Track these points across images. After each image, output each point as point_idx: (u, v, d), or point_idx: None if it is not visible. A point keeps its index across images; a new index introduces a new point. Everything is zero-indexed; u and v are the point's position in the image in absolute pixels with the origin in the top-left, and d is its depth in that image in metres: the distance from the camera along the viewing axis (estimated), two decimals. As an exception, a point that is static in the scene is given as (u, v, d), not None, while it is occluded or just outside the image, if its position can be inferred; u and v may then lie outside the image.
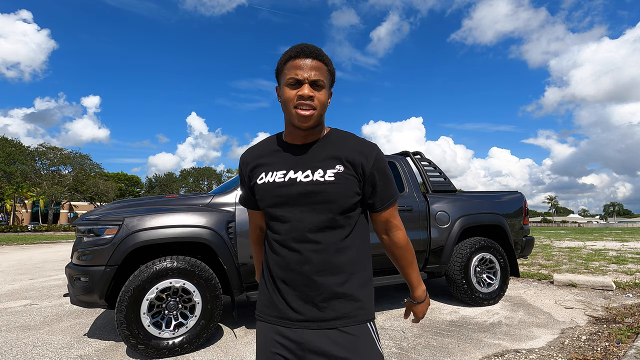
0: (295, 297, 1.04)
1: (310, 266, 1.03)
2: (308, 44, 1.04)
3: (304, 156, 1.08)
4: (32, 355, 2.99)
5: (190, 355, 2.97)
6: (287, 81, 1.02)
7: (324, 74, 1.03)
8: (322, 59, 1.03)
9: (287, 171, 1.07)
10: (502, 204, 4.85)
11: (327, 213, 1.03)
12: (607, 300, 4.57)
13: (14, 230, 36.04)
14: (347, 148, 1.08)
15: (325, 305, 1.02)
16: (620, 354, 2.82)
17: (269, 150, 1.14)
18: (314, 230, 1.03)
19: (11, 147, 41.63)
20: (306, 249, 1.03)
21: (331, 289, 1.03)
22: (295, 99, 1.01)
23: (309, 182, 1.04)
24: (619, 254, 9.73)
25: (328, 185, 1.03)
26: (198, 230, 3.18)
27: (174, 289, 3.02)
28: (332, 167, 1.05)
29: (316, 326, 1.01)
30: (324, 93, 1.04)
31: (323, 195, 1.02)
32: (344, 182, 1.03)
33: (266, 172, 1.10)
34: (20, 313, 4.37)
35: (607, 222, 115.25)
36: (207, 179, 66.95)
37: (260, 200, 1.11)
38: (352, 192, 1.05)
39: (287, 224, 1.05)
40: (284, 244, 1.06)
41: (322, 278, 1.03)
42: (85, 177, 49.22)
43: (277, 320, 1.06)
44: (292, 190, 1.04)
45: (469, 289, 4.28)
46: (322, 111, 1.04)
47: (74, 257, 3.12)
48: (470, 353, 2.95)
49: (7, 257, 10.94)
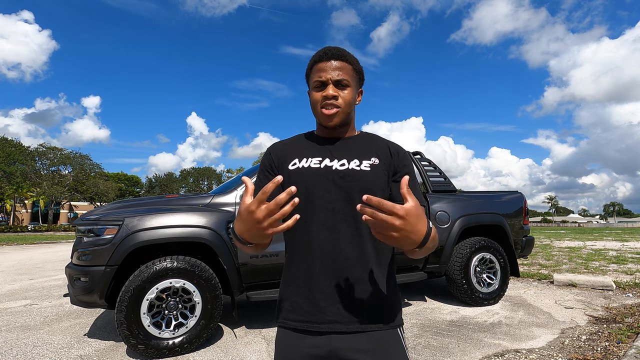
0: (325, 295, 0.96)
1: (343, 259, 0.96)
2: (332, 47, 1.05)
3: (339, 147, 1.07)
4: (32, 356, 2.99)
5: (190, 355, 2.97)
6: (313, 84, 1.04)
7: (349, 73, 1.04)
8: (345, 59, 1.04)
9: (322, 158, 1.05)
10: (502, 203, 4.86)
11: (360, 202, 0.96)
12: (607, 300, 4.57)
13: (14, 230, 36.04)
14: (380, 144, 1.09)
15: (357, 304, 0.96)
16: (621, 353, 2.82)
17: (301, 141, 1.13)
18: (349, 221, 0.98)
19: (11, 147, 41.65)
20: (340, 241, 0.97)
21: (364, 286, 0.97)
22: (321, 101, 1.03)
23: (345, 170, 1.01)
24: (619, 254, 9.73)
25: (364, 173, 1.01)
26: (198, 230, 3.18)
27: (174, 289, 3.02)
28: (367, 158, 1.04)
29: (345, 328, 0.95)
30: (350, 92, 1.03)
31: (360, 183, 0.99)
32: (379, 173, 1.03)
33: (299, 158, 1.06)
34: (20, 313, 4.37)
35: (607, 222, 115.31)
36: (207, 179, 66.98)
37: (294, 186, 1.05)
38: (385, 184, 1.03)
39: (321, 213, 0.99)
40: (317, 236, 0.98)
41: (356, 273, 0.97)
42: (85, 177, 49.24)
43: (305, 324, 0.97)
44: (327, 177, 1.01)
45: (469, 289, 4.28)
46: (347, 109, 1.04)
47: (74, 257, 3.12)
48: (470, 353, 2.95)
49: (7, 257, 10.94)
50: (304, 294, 0.99)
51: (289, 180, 1.03)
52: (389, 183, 1.05)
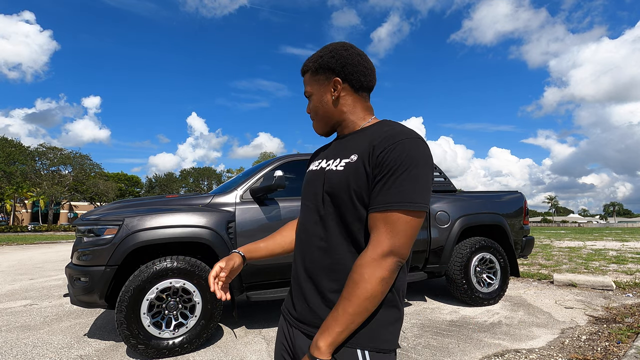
0: (296, 292, 1.00)
1: (310, 262, 0.96)
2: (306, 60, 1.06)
3: (338, 146, 1.03)
4: (32, 356, 2.99)
5: (190, 355, 2.97)
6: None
7: (309, 83, 1.05)
8: (304, 70, 1.06)
9: (322, 160, 1.05)
10: (502, 203, 4.85)
11: (330, 204, 0.94)
12: (607, 300, 4.57)
13: (14, 230, 36.03)
14: (371, 138, 0.91)
15: (315, 309, 0.92)
16: (621, 353, 2.82)
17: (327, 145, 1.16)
18: (321, 222, 0.95)
19: (11, 147, 41.65)
20: (310, 242, 0.97)
21: (320, 291, 0.92)
22: None
23: (326, 170, 0.98)
24: (619, 254, 9.73)
25: (335, 174, 0.93)
26: (198, 230, 3.18)
27: (174, 289, 3.02)
28: (347, 157, 0.94)
29: (304, 329, 0.93)
30: (315, 100, 1.04)
31: (330, 184, 0.93)
32: (351, 173, 0.89)
33: (313, 162, 1.12)
34: (20, 313, 4.37)
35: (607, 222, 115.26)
36: (207, 179, 66.96)
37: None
38: (359, 185, 0.87)
39: (304, 213, 1.02)
40: (298, 235, 1.04)
41: (319, 276, 0.93)
42: (85, 177, 49.25)
43: (283, 314, 1.06)
44: (315, 178, 1.01)
45: (469, 289, 4.28)
46: (320, 115, 1.05)
47: (74, 257, 3.12)
48: (470, 353, 2.95)
49: (7, 257, 10.94)
50: (291, 288, 1.05)
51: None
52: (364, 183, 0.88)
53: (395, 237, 0.82)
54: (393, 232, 0.82)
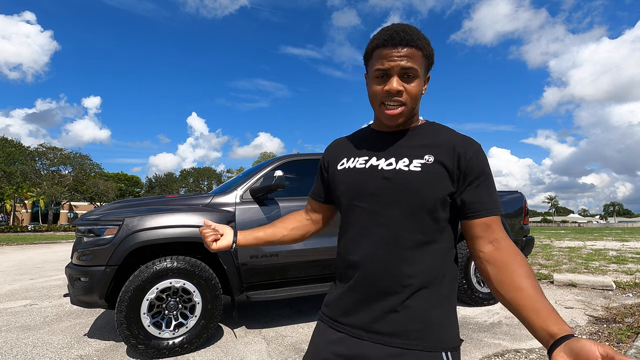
0: (354, 299, 0.91)
1: (376, 266, 0.89)
2: (399, 27, 0.89)
3: (391, 144, 0.95)
4: (32, 356, 2.99)
5: (191, 355, 2.97)
6: (373, 73, 0.91)
7: (418, 61, 0.88)
8: (415, 44, 0.87)
9: (369, 157, 0.96)
10: (502, 203, 4.84)
11: (406, 207, 0.88)
12: (607, 300, 4.57)
13: (14, 230, 36.04)
14: (443, 139, 0.92)
15: (384, 316, 0.87)
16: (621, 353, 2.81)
17: (357, 138, 1.06)
18: (389, 226, 0.89)
19: (11, 147, 41.66)
20: (377, 247, 0.89)
21: (396, 298, 0.87)
22: (382, 96, 0.90)
23: (390, 171, 0.90)
24: (619, 254, 9.73)
25: (412, 175, 0.88)
26: (198, 230, 3.18)
27: (174, 289, 3.02)
28: (419, 157, 0.90)
29: (368, 338, 0.87)
30: (417, 84, 0.89)
31: (404, 186, 0.88)
32: (431, 174, 0.87)
33: (348, 157, 1.00)
34: (20, 313, 4.37)
35: (607, 222, 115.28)
36: (207, 179, 66.98)
37: (335, 187, 1.00)
38: (440, 187, 0.87)
39: (361, 215, 0.93)
40: (354, 238, 0.93)
41: (387, 282, 0.88)
42: (85, 177, 49.26)
43: (330, 321, 0.95)
44: (371, 177, 0.92)
45: (469, 289, 4.28)
46: (413, 104, 0.91)
47: (74, 257, 3.12)
48: (471, 353, 2.95)
49: (7, 257, 10.94)
50: (339, 293, 0.96)
51: (335, 181, 1.00)
52: (452, 184, 0.89)
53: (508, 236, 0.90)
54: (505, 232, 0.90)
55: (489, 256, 0.86)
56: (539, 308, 0.73)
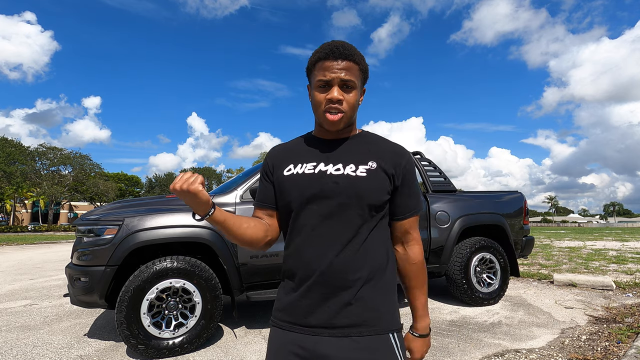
0: (310, 299, 0.97)
1: (331, 266, 0.96)
2: (339, 43, 0.99)
3: (336, 150, 1.04)
4: (32, 356, 2.99)
5: (190, 355, 2.97)
6: (316, 83, 1.00)
7: (355, 74, 0.99)
8: (353, 59, 0.98)
9: (317, 163, 1.02)
10: (502, 203, 4.86)
11: (355, 209, 0.97)
12: (607, 300, 4.57)
13: (14, 230, 36.02)
14: (381, 147, 1.06)
15: (340, 311, 0.95)
16: (621, 353, 2.82)
17: (299, 145, 1.11)
18: (340, 227, 0.97)
19: (11, 147, 41.64)
20: (329, 246, 0.96)
21: (351, 292, 0.96)
22: (324, 103, 0.99)
23: (339, 175, 0.99)
24: (619, 254, 9.73)
25: (359, 180, 0.98)
26: (198, 230, 3.18)
27: (174, 289, 3.02)
28: (364, 163, 1.01)
29: (328, 333, 0.94)
30: (354, 94, 1.00)
31: (353, 189, 0.97)
32: (375, 179, 0.99)
33: (295, 163, 1.05)
34: (20, 313, 4.37)
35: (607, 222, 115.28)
36: (207, 179, 66.99)
37: (284, 192, 1.03)
38: (383, 190, 1.00)
39: (312, 218, 0.98)
40: (306, 239, 0.99)
41: (343, 279, 0.96)
42: (85, 177, 49.25)
43: (290, 325, 0.99)
44: (321, 182, 0.99)
45: (469, 289, 4.28)
46: (351, 113, 1.01)
47: (74, 257, 3.12)
48: (471, 353, 2.95)
49: (7, 257, 10.94)
50: (294, 297, 0.99)
51: (284, 186, 1.03)
52: (390, 187, 1.02)
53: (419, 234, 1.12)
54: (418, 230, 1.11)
55: (399, 257, 1.09)
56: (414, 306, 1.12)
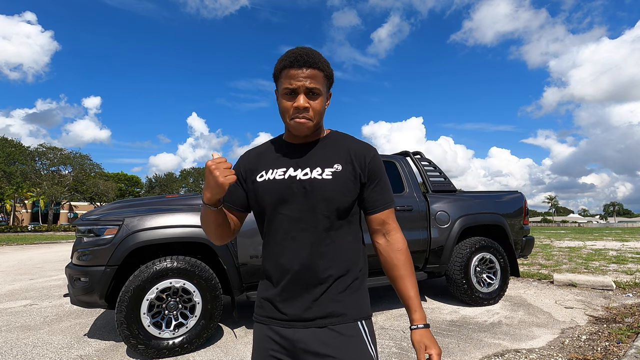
0: (286, 296, 1.04)
1: (302, 266, 1.03)
2: (303, 50, 1.01)
3: (304, 155, 1.09)
4: (32, 356, 2.99)
5: (191, 355, 2.97)
6: (282, 91, 1.02)
7: (320, 81, 1.02)
8: (317, 66, 1.01)
9: (286, 169, 1.07)
10: (502, 203, 4.85)
11: (322, 211, 1.03)
12: (607, 300, 4.57)
13: (14, 230, 36.01)
14: (346, 148, 1.10)
15: (312, 305, 1.02)
16: (621, 353, 2.82)
17: (270, 150, 1.15)
18: (309, 229, 1.03)
19: (11, 147, 41.62)
20: (299, 247, 1.03)
21: (320, 288, 1.03)
22: (292, 111, 1.01)
23: (307, 180, 1.04)
24: (619, 254, 9.73)
25: (325, 183, 1.03)
26: (198, 230, 3.18)
27: (174, 289, 3.02)
28: (330, 166, 1.06)
29: (302, 325, 1.02)
30: (320, 101, 1.03)
31: (320, 192, 1.02)
32: (341, 181, 1.04)
33: (266, 170, 1.10)
34: (20, 313, 4.37)
35: (607, 222, 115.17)
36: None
37: (258, 198, 1.09)
38: (349, 191, 1.05)
39: (284, 222, 1.05)
40: (280, 242, 1.06)
41: (313, 278, 1.03)
42: (85, 177, 49.20)
43: (268, 320, 1.06)
44: (291, 187, 1.04)
45: (469, 289, 4.27)
46: (318, 119, 1.04)
47: (74, 257, 3.12)
48: (471, 353, 2.95)
49: (7, 257, 10.94)
50: (270, 294, 1.07)
51: (257, 192, 1.09)
52: (357, 186, 1.07)
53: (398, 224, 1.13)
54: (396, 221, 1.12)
55: (381, 248, 1.11)
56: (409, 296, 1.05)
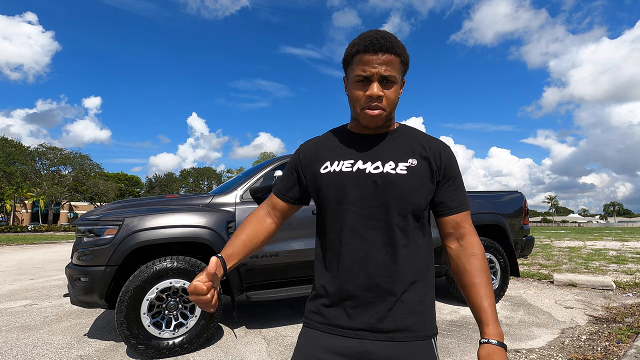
0: (355, 303, 0.93)
1: (375, 267, 0.92)
2: (379, 34, 0.92)
3: (374, 147, 0.99)
4: (32, 356, 2.99)
5: (190, 355, 2.97)
6: (354, 78, 0.94)
7: (396, 67, 0.92)
8: (394, 51, 0.91)
9: (355, 161, 0.98)
10: (502, 203, 4.85)
11: (396, 209, 0.93)
12: (607, 299, 4.57)
13: (14, 230, 36.00)
14: (420, 142, 1.00)
15: (385, 315, 0.92)
16: (621, 353, 2.82)
17: (334, 140, 1.05)
18: (382, 228, 0.93)
19: (11, 147, 41.63)
20: (370, 248, 0.93)
21: (393, 295, 0.92)
22: (363, 100, 0.93)
23: (379, 174, 0.94)
24: (619, 254, 9.73)
25: (400, 178, 0.93)
26: (198, 230, 3.18)
27: (174, 289, 3.02)
28: (404, 160, 0.96)
29: (373, 337, 0.91)
30: (395, 90, 0.94)
31: (394, 189, 0.93)
32: (417, 176, 0.95)
33: (331, 161, 1.00)
34: (20, 313, 4.37)
35: (607, 222, 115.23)
36: (207, 179, 66.97)
37: (321, 190, 0.99)
38: (425, 187, 0.96)
39: (352, 218, 0.94)
40: (347, 242, 0.95)
41: (387, 282, 0.92)
42: (85, 177, 49.23)
43: (329, 328, 0.95)
44: (360, 181, 0.95)
45: (469, 289, 4.27)
46: (391, 109, 0.96)
47: (74, 257, 3.12)
48: (471, 353, 2.95)
49: (7, 257, 10.94)
50: (333, 299, 0.96)
51: (320, 185, 1.00)
52: (432, 186, 0.97)
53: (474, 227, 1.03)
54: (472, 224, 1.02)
55: (454, 253, 0.99)
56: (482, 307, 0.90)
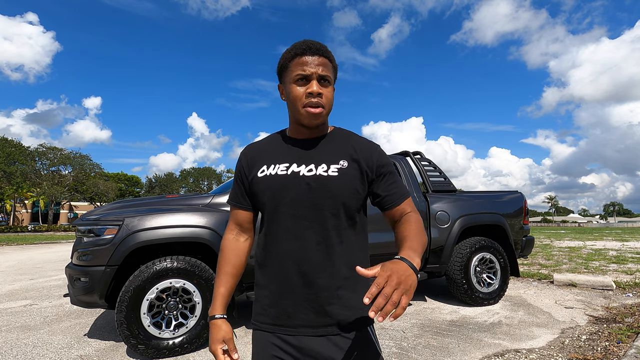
0: (292, 301, 0.99)
1: (309, 266, 0.98)
2: (313, 41, 1.02)
3: (308, 150, 1.05)
4: (32, 356, 2.99)
5: (190, 355, 2.97)
6: (293, 78, 0.99)
7: (330, 70, 1.01)
8: (327, 56, 1.01)
9: (289, 164, 1.03)
10: (502, 203, 4.85)
11: (328, 209, 0.99)
12: (607, 300, 4.57)
13: (14, 230, 36.00)
14: (351, 145, 1.06)
15: (323, 310, 0.98)
16: (621, 353, 2.82)
17: (272, 144, 1.11)
18: (315, 227, 0.99)
19: (11, 147, 41.62)
20: (306, 248, 0.98)
21: (330, 291, 0.98)
22: (304, 97, 0.98)
23: (312, 176, 1.00)
24: (619, 254, 9.73)
25: (331, 179, 0.99)
26: (198, 230, 3.18)
27: (174, 289, 3.02)
28: (335, 162, 1.02)
29: (312, 332, 0.97)
30: (331, 90, 1.01)
31: (325, 190, 0.98)
32: (347, 178, 1.00)
33: (268, 164, 1.05)
34: (20, 313, 4.37)
35: (607, 222, 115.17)
36: (207, 179, 66.97)
37: (258, 194, 1.04)
38: (356, 188, 1.01)
39: (287, 220, 1.00)
40: (283, 242, 1.00)
41: (321, 279, 0.98)
42: (85, 177, 49.22)
43: (273, 327, 1.00)
44: (294, 183, 1.00)
45: (469, 289, 4.27)
46: (329, 108, 1.02)
47: (74, 258, 3.12)
48: (471, 353, 2.95)
49: (7, 257, 10.94)
50: (273, 299, 1.02)
51: (258, 188, 1.04)
52: (365, 183, 1.03)
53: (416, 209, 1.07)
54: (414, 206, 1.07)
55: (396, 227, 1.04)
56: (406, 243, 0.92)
